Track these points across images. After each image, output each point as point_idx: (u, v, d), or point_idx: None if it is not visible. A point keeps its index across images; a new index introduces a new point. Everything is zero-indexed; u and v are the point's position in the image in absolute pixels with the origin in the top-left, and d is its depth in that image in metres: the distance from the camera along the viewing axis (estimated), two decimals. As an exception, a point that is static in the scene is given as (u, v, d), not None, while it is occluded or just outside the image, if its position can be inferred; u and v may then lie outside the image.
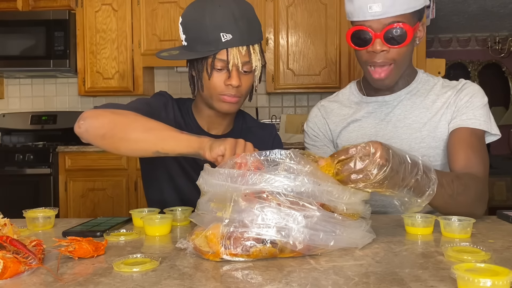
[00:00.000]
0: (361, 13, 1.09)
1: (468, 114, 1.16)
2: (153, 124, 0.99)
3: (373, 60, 1.13)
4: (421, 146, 1.20)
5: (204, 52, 1.09)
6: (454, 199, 0.95)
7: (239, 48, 1.08)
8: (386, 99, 1.26)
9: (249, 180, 0.73)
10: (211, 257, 0.73)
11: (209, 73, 1.11)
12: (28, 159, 3.02)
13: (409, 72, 1.26)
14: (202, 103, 1.23)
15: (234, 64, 1.09)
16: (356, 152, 0.76)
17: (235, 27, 1.07)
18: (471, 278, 0.52)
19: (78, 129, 1.01)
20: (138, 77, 3.29)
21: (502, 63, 5.65)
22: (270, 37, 3.20)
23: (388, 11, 1.07)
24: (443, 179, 0.92)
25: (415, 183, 0.83)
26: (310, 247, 0.73)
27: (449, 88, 1.24)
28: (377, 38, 1.09)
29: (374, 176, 0.76)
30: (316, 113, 1.38)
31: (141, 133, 0.97)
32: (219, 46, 1.07)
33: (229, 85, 1.11)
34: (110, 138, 0.98)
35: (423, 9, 1.15)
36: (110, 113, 1.00)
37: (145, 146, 0.97)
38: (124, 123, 0.99)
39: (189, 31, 1.12)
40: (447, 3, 4.34)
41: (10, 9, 3.30)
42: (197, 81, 1.17)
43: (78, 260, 0.75)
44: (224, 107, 1.15)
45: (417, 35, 1.17)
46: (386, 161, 0.76)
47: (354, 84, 1.37)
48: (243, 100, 1.18)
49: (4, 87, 3.73)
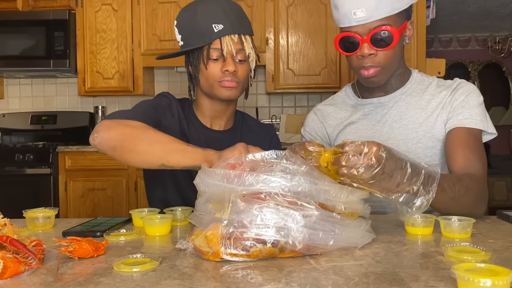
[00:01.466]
0: (346, 19, 1.11)
1: (464, 113, 1.16)
2: (160, 137, 1.01)
3: (362, 65, 1.14)
4: (418, 146, 1.20)
5: (200, 43, 1.17)
6: (455, 202, 0.95)
7: (231, 36, 1.16)
8: (381, 101, 1.26)
9: (246, 181, 0.73)
10: (211, 257, 0.73)
11: (206, 63, 1.18)
12: (28, 159, 3.02)
13: (403, 72, 1.26)
14: (203, 98, 1.28)
15: (228, 51, 1.16)
16: (350, 149, 0.77)
17: (225, 17, 1.16)
18: (471, 278, 0.52)
19: (93, 141, 1.04)
20: (138, 77, 3.29)
21: (502, 63, 5.65)
22: (270, 37, 3.20)
23: (372, 15, 1.08)
24: (445, 183, 0.92)
25: (410, 191, 0.82)
26: (309, 247, 0.73)
27: (444, 88, 1.24)
28: (364, 43, 1.11)
29: (359, 174, 0.76)
30: (313, 117, 1.39)
31: (148, 146, 1.00)
32: (213, 36, 1.16)
33: (226, 71, 1.17)
34: (120, 150, 1.01)
35: (410, 8, 1.15)
36: (121, 126, 1.03)
37: (152, 159, 1.00)
38: (133, 136, 1.01)
39: (184, 29, 1.21)
40: (447, 3, 4.34)
41: (10, 9, 3.30)
42: (194, 75, 1.24)
43: (78, 260, 0.75)
44: (225, 92, 1.20)
45: (406, 34, 1.17)
46: (377, 162, 0.76)
47: (349, 87, 1.37)
48: (241, 87, 1.23)
49: (4, 87, 3.73)
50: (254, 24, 3.18)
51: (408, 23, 1.16)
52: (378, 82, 1.18)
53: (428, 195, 0.83)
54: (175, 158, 0.97)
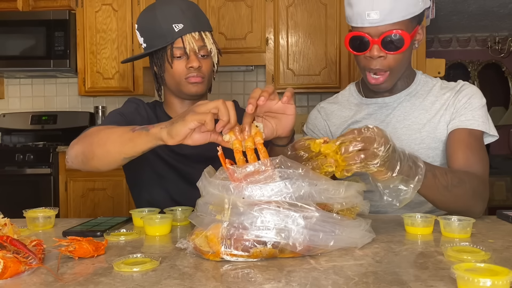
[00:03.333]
0: (359, 19, 1.10)
1: (466, 115, 1.17)
2: (109, 134, 0.98)
3: (370, 67, 1.14)
4: (421, 147, 1.21)
5: (162, 43, 1.21)
6: (449, 191, 0.96)
7: (192, 34, 1.20)
8: (386, 101, 1.27)
9: (246, 192, 0.73)
10: (211, 257, 0.73)
11: (171, 62, 1.22)
12: (28, 159, 3.02)
13: (408, 74, 1.27)
14: (172, 97, 1.32)
15: (191, 48, 1.20)
16: (358, 135, 0.79)
17: (184, 17, 1.20)
18: (471, 278, 0.52)
19: (67, 164, 1.08)
20: (138, 77, 3.29)
21: (502, 63, 5.65)
22: (270, 37, 3.20)
23: (385, 18, 1.07)
24: (436, 171, 0.95)
25: (408, 168, 0.85)
26: (310, 248, 0.73)
27: (448, 90, 1.24)
28: (375, 44, 1.10)
29: (381, 153, 0.77)
30: (316, 115, 1.39)
31: (102, 147, 0.97)
32: (174, 36, 1.19)
33: (191, 67, 1.21)
34: (86, 161, 1.01)
35: (423, 12, 1.15)
36: (80, 139, 1.04)
37: (111, 158, 0.97)
38: (88, 143, 1.00)
39: (145, 32, 1.25)
40: (447, 3, 4.34)
41: (10, 9, 3.29)
42: (160, 75, 1.27)
43: (78, 260, 0.75)
44: (192, 88, 1.24)
45: (416, 38, 1.17)
46: (388, 140, 0.80)
47: (353, 85, 1.37)
48: (206, 81, 1.26)
49: (4, 87, 3.73)
50: (254, 24, 3.18)
51: (419, 27, 1.16)
52: (386, 87, 1.19)
53: (420, 167, 0.87)
54: (129, 149, 0.93)
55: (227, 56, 3.19)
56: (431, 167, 0.94)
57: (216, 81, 3.62)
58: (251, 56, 3.23)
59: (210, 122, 0.81)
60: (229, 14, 3.19)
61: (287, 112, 0.95)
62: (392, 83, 1.19)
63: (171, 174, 1.29)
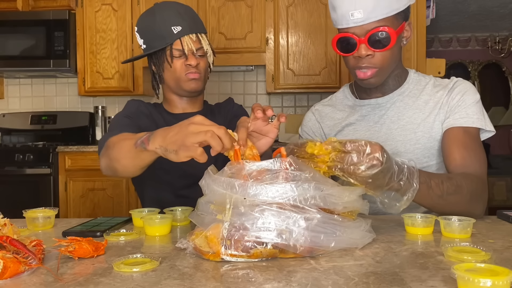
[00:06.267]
0: (344, 20, 1.11)
1: (460, 113, 1.16)
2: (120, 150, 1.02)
3: (359, 65, 1.14)
4: (416, 147, 1.20)
5: (162, 45, 1.28)
6: (444, 200, 0.95)
7: (189, 36, 1.29)
8: (379, 102, 1.26)
9: (250, 191, 0.73)
10: (211, 257, 0.72)
11: (170, 62, 1.30)
12: (28, 159, 3.02)
13: (400, 73, 1.26)
14: (171, 94, 1.39)
15: (189, 49, 1.29)
16: (353, 148, 0.78)
17: (182, 20, 1.28)
18: (471, 278, 0.52)
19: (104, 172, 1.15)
20: (138, 77, 3.29)
21: (502, 63, 5.65)
22: (270, 37, 3.20)
23: (369, 16, 1.08)
24: (432, 181, 0.93)
25: (397, 187, 0.85)
26: (311, 249, 0.73)
27: (441, 88, 1.23)
28: (362, 43, 1.11)
29: (360, 172, 0.78)
30: (310, 117, 1.39)
31: (120, 162, 1.03)
32: (173, 37, 1.27)
33: (189, 65, 1.30)
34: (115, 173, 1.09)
35: (408, 9, 1.15)
36: (102, 154, 1.12)
37: (131, 170, 1.03)
38: (109, 159, 1.07)
39: (145, 34, 1.32)
40: (447, 3, 4.34)
41: (10, 9, 3.30)
42: (159, 74, 1.35)
43: (78, 260, 0.75)
44: (191, 84, 1.32)
45: (404, 35, 1.17)
46: (379, 163, 0.78)
47: (347, 87, 1.37)
48: (203, 78, 1.35)
49: (4, 87, 3.73)
50: (254, 24, 3.18)
51: (406, 24, 1.16)
52: (375, 83, 1.18)
53: (413, 187, 0.86)
54: (139, 162, 0.98)
55: (227, 56, 3.20)
56: (427, 177, 0.92)
57: (216, 81, 3.63)
58: (251, 56, 3.23)
59: (202, 156, 0.79)
60: (229, 14, 3.19)
61: (269, 135, 0.97)
62: (382, 79, 1.19)
63: (177, 170, 1.30)
